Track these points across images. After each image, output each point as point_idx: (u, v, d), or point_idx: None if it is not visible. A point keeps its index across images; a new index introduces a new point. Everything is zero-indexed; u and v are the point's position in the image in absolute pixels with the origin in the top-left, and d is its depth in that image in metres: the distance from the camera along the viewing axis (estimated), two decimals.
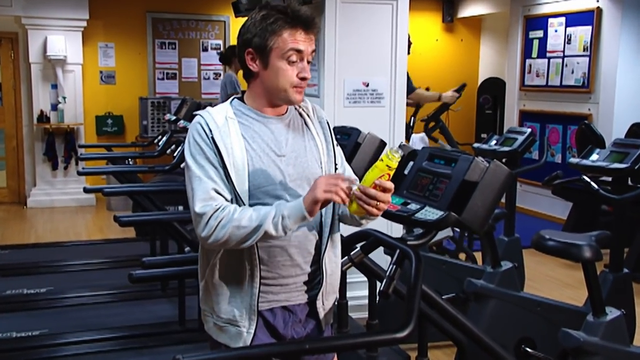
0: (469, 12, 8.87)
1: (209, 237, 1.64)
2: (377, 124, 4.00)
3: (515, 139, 4.66)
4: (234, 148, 1.69)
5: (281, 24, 1.70)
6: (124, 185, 5.01)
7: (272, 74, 1.73)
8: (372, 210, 1.64)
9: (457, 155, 2.19)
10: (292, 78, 1.73)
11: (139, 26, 8.05)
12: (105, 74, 8.00)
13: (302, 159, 1.79)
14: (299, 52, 1.71)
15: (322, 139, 1.86)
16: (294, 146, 1.79)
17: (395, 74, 4.10)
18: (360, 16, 4.01)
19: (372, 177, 1.62)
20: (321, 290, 1.82)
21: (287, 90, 1.74)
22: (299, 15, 1.72)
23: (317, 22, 1.76)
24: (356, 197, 1.63)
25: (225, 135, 1.70)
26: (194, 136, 1.71)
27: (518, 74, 7.61)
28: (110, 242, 6.11)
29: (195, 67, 8.31)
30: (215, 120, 1.72)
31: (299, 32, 1.71)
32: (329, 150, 1.86)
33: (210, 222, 1.64)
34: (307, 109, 1.88)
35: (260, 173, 1.72)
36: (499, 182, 2.08)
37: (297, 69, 1.73)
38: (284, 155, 1.76)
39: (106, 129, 7.97)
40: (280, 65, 1.72)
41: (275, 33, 1.70)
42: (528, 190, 7.44)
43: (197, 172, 1.68)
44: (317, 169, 1.81)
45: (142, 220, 4.13)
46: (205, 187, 1.66)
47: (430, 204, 2.11)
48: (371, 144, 3.05)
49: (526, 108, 7.56)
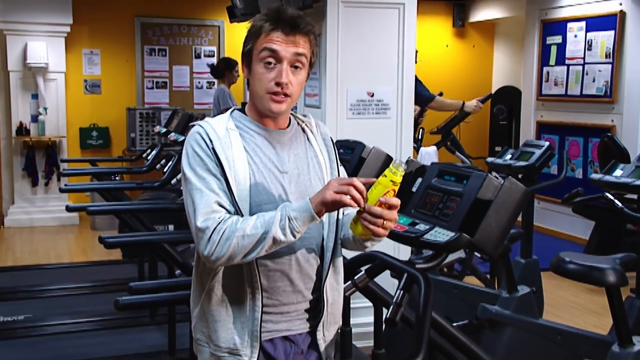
0: (482, 16, 8.92)
1: (212, 252, 1.63)
2: (382, 137, 4.02)
3: (532, 153, 4.67)
4: (235, 161, 1.70)
5: (260, 25, 1.73)
6: (109, 203, 5.02)
7: (254, 79, 1.75)
8: (378, 231, 1.63)
9: (469, 171, 2.20)
10: (267, 83, 1.72)
11: (126, 31, 8.10)
12: (90, 82, 8.04)
13: (304, 177, 1.80)
14: (272, 52, 1.71)
15: (326, 157, 1.87)
16: (297, 163, 1.80)
17: (402, 83, 4.12)
18: (364, 21, 4.04)
19: (376, 194, 1.63)
20: (322, 320, 1.82)
21: (262, 96, 1.74)
22: (281, 15, 1.73)
23: (304, 23, 1.74)
24: (360, 217, 1.64)
25: (226, 147, 1.71)
26: (193, 147, 1.72)
27: (535, 82, 7.64)
28: (95, 264, 6.10)
29: (187, 76, 8.35)
30: (215, 131, 1.73)
31: (277, 32, 1.72)
32: (333, 169, 1.87)
33: (213, 237, 1.63)
34: (310, 125, 1.89)
35: (262, 189, 1.73)
36: (514, 201, 2.08)
37: (274, 73, 1.72)
38: (286, 172, 1.77)
39: (91, 142, 7.99)
40: (257, 68, 1.74)
41: (256, 34, 1.74)
42: (546, 208, 7.44)
43: (197, 184, 1.68)
44: (320, 187, 1.81)
45: (129, 241, 4.13)
46: (207, 200, 1.66)
47: (440, 225, 2.11)
48: (376, 159, 3.06)
49: (544, 119, 7.58)
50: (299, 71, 1.75)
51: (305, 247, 1.78)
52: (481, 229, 2.03)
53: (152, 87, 8.23)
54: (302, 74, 1.76)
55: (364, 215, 1.63)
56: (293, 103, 1.78)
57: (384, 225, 1.63)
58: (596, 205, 5.49)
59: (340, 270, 1.89)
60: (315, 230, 1.80)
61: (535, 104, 7.68)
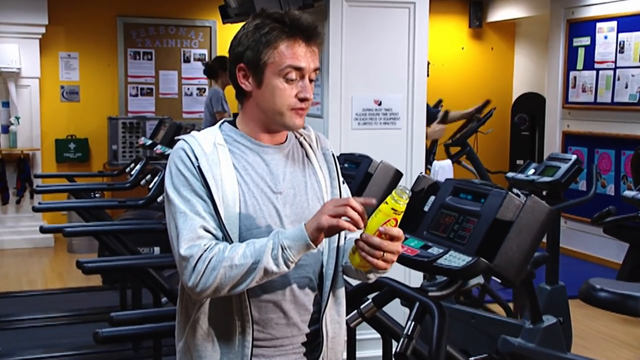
0: (501, 15, 8.96)
1: (197, 283, 1.64)
2: (391, 150, 4.03)
3: (557, 167, 4.67)
4: (224, 180, 1.71)
5: (277, 35, 1.74)
6: (88, 223, 5.03)
7: (266, 93, 1.76)
8: (377, 263, 1.64)
9: (487, 188, 2.21)
10: (289, 99, 1.75)
11: (108, 33, 8.14)
12: (67, 89, 8.07)
13: (301, 197, 1.81)
14: (298, 69, 1.74)
15: (326, 174, 1.88)
16: (293, 182, 1.81)
17: (413, 90, 4.14)
18: (371, 22, 4.06)
19: (376, 223, 1.63)
20: (321, 356, 1.82)
21: (283, 113, 1.76)
22: (298, 23, 1.75)
23: (320, 32, 1.79)
24: (358, 248, 1.64)
25: (214, 164, 1.72)
26: (177, 164, 1.73)
27: (560, 88, 7.66)
28: (72, 292, 6.10)
29: (176, 82, 8.39)
30: (202, 147, 1.74)
31: (298, 43, 1.74)
32: (334, 187, 1.87)
33: (198, 266, 1.64)
34: (310, 138, 1.91)
35: (253, 212, 1.73)
36: (538, 222, 2.09)
37: (296, 88, 1.76)
38: (280, 193, 1.78)
39: (68, 155, 8.01)
40: (276, 83, 1.75)
41: (270, 45, 1.74)
42: (574, 228, 7.43)
43: (181, 207, 1.69)
44: (318, 209, 1.82)
45: (110, 266, 4.13)
46: (191, 225, 1.67)
47: (455, 248, 2.12)
48: (384, 175, 3.07)
49: (570, 129, 7.59)
50: (312, 84, 1.80)
51: (301, 275, 1.78)
52: (501, 253, 2.04)
53: (137, 94, 8.27)
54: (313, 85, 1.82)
55: (361, 245, 1.64)
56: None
57: (384, 257, 1.63)
58: (630, 226, 5.49)
59: (342, 301, 1.89)
60: (313, 257, 1.81)
61: (561, 112, 7.69)
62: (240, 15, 5.01)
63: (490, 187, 2.21)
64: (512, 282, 2.11)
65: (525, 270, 2.13)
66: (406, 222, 2.37)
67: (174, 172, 1.73)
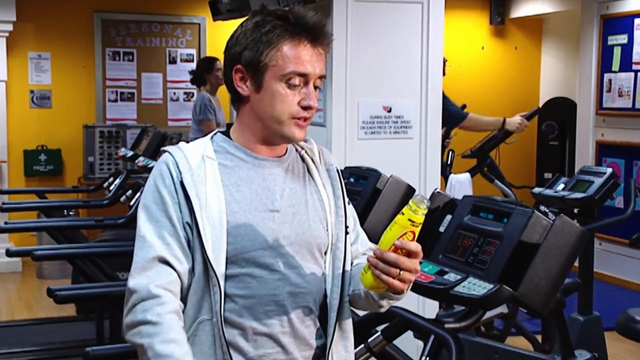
0: (526, 10, 8.99)
1: (126, 329, 1.71)
2: (402, 163, 4.04)
3: (590, 181, 4.67)
4: (209, 199, 1.73)
5: (280, 34, 1.75)
6: (61, 245, 5.02)
7: (265, 98, 1.77)
8: (393, 283, 1.63)
9: (511, 207, 2.21)
10: (291, 106, 1.76)
11: (83, 30, 8.17)
12: (37, 94, 8.09)
13: (302, 217, 1.81)
14: (302, 75, 1.76)
15: (330, 192, 1.89)
16: (292, 199, 1.82)
17: (427, 96, 4.16)
18: (379, 19, 4.08)
19: (392, 236, 1.62)
20: None
21: (283, 121, 1.77)
22: (303, 22, 1.76)
23: (328, 31, 1.81)
24: (371, 265, 1.63)
25: (199, 181, 1.74)
26: (156, 179, 1.76)
27: (593, 93, 7.66)
28: (42, 323, 6.08)
29: (160, 85, 8.41)
30: (187, 160, 1.76)
31: (303, 44, 1.76)
32: (338, 207, 1.88)
33: (135, 313, 1.68)
34: (312, 152, 1.92)
35: (245, 233, 1.74)
36: (568, 244, 2.09)
37: (299, 95, 1.77)
38: (277, 211, 1.79)
39: (38, 168, 8.02)
40: (277, 88, 1.76)
41: (271, 45, 1.75)
42: (610, 250, 7.41)
43: (143, 228, 1.73)
44: (321, 230, 1.83)
45: (85, 294, 4.12)
46: (147, 253, 1.71)
47: (475, 274, 2.12)
48: (395, 191, 3.07)
49: (605, 139, 7.59)
50: (317, 90, 1.81)
51: (300, 305, 1.79)
52: (526, 280, 2.04)
53: (116, 100, 8.29)
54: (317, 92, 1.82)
55: (375, 262, 1.63)
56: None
57: (400, 276, 1.62)
58: None
59: (350, 334, 1.89)
60: (314, 284, 1.81)
61: (594, 119, 7.69)
62: (233, 12, 5.04)
63: (514, 205, 2.21)
64: (539, 312, 2.11)
65: (555, 299, 2.13)
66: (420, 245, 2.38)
67: (150, 187, 1.77)
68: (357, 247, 1.96)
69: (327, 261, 1.86)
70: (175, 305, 1.70)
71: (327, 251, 1.86)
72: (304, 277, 1.79)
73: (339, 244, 1.86)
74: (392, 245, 1.61)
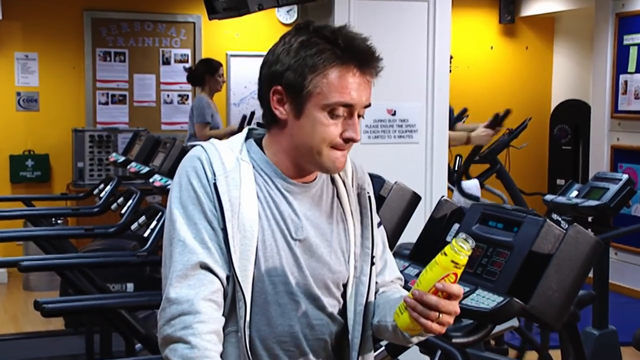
0: (537, 9, 8.99)
1: (162, 342, 1.68)
2: (408, 169, 4.04)
3: (605, 188, 4.68)
4: (242, 205, 1.70)
5: (328, 59, 1.71)
6: (49, 256, 5.02)
7: (306, 126, 1.73)
8: (432, 327, 1.61)
9: (521, 215, 2.21)
10: (332, 137, 1.73)
11: (73, 30, 8.17)
12: (24, 96, 8.09)
13: (323, 249, 1.79)
14: (347, 106, 1.72)
15: (357, 221, 1.86)
16: (316, 229, 1.79)
17: (433, 98, 4.16)
18: (383, 18, 4.08)
19: (432, 278, 1.61)
20: None
21: (321, 152, 1.74)
22: (353, 46, 1.72)
23: (378, 57, 1.76)
24: (409, 307, 1.62)
25: (233, 185, 1.71)
26: (190, 177, 1.73)
27: (608, 95, 7.66)
28: (28, 337, 6.07)
29: (153, 87, 8.41)
30: (222, 161, 1.73)
31: (352, 73, 1.72)
32: (365, 238, 1.85)
33: (175, 327, 1.65)
34: (345, 173, 1.88)
35: (271, 255, 1.73)
36: (582, 254, 2.09)
37: (342, 126, 1.74)
38: (299, 240, 1.77)
39: (25, 174, 8.02)
40: (319, 117, 1.72)
41: (317, 70, 1.71)
42: (626, 260, 7.41)
43: (182, 232, 1.70)
44: (341, 265, 1.81)
45: (74, 306, 4.12)
46: (188, 260, 1.68)
47: (484, 286, 2.12)
48: (399, 199, 3.06)
49: (621, 143, 7.59)
50: (360, 120, 1.78)
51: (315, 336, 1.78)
52: (538, 293, 2.04)
53: (107, 102, 8.29)
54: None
55: (414, 304, 1.61)
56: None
57: (439, 319, 1.61)
58: None
59: None
60: (331, 318, 1.80)
61: (609, 123, 7.69)
62: (230, 10, 5.03)
63: (525, 214, 2.21)
64: (552, 326, 2.11)
65: (568, 312, 2.13)
66: (425, 255, 2.38)
67: (184, 185, 1.73)
68: (384, 278, 1.94)
69: (349, 294, 1.84)
70: (216, 323, 1.67)
71: (346, 284, 1.84)
72: (322, 310, 1.79)
73: (362, 277, 1.84)
74: (432, 287, 1.60)
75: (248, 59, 8.21)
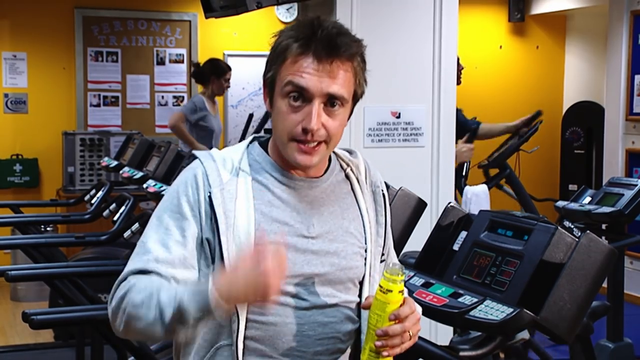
0: (548, 6, 9.00)
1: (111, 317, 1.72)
2: (413, 173, 4.04)
3: (619, 194, 4.67)
4: (237, 217, 1.73)
5: (288, 44, 1.74)
6: (38, 265, 5.02)
7: (275, 117, 1.79)
8: (409, 345, 1.71)
9: (532, 222, 2.21)
10: (290, 126, 1.75)
11: (63, 28, 8.18)
12: (12, 98, 8.10)
13: (338, 245, 1.82)
14: (299, 88, 1.72)
15: (372, 218, 1.89)
16: (330, 225, 1.82)
17: (439, 100, 4.16)
18: (387, 17, 4.08)
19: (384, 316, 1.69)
20: None
21: (284, 144, 1.76)
22: (313, 32, 1.73)
23: (346, 43, 1.75)
24: (379, 348, 1.70)
25: (229, 197, 1.74)
26: (179, 188, 1.77)
27: (623, 96, 7.66)
28: (16, 350, 6.08)
29: (147, 88, 8.41)
30: (219, 173, 1.76)
31: (308, 58, 1.73)
32: (379, 236, 1.89)
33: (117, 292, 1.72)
34: (358, 170, 1.91)
35: None
36: (595, 264, 2.09)
37: (301, 115, 1.74)
38: (312, 237, 1.79)
39: (13, 179, 8.02)
40: (281, 105, 1.76)
41: (278, 56, 1.76)
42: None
43: (149, 231, 1.75)
44: (358, 261, 1.84)
45: (64, 318, 4.12)
46: (145, 258, 1.72)
47: (492, 296, 2.12)
48: (404, 205, 3.06)
49: (636, 147, 7.59)
50: (336, 110, 1.77)
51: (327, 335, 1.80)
52: (549, 303, 2.04)
53: (99, 104, 8.30)
54: (341, 112, 1.78)
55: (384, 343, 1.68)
56: (330, 149, 1.80)
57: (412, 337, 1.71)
58: None
59: None
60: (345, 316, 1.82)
61: (623, 126, 7.68)
62: (227, 8, 5.03)
63: (536, 221, 2.21)
64: (564, 338, 2.10)
65: (581, 324, 2.13)
66: (432, 264, 2.38)
67: (171, 195, 1.78)
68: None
69: (365, 292, 1.87)
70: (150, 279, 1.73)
71: (362, 281, 1.87)
72: (334, 308, 1.81)
73: (375, 275, 1.89)
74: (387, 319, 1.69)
75: (246, 59, 8.20)
